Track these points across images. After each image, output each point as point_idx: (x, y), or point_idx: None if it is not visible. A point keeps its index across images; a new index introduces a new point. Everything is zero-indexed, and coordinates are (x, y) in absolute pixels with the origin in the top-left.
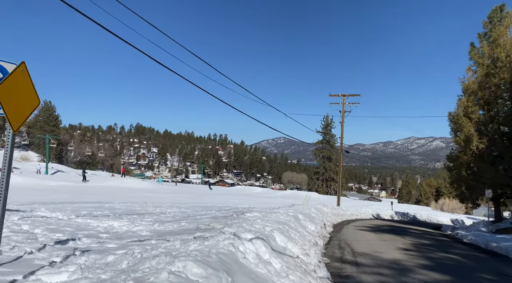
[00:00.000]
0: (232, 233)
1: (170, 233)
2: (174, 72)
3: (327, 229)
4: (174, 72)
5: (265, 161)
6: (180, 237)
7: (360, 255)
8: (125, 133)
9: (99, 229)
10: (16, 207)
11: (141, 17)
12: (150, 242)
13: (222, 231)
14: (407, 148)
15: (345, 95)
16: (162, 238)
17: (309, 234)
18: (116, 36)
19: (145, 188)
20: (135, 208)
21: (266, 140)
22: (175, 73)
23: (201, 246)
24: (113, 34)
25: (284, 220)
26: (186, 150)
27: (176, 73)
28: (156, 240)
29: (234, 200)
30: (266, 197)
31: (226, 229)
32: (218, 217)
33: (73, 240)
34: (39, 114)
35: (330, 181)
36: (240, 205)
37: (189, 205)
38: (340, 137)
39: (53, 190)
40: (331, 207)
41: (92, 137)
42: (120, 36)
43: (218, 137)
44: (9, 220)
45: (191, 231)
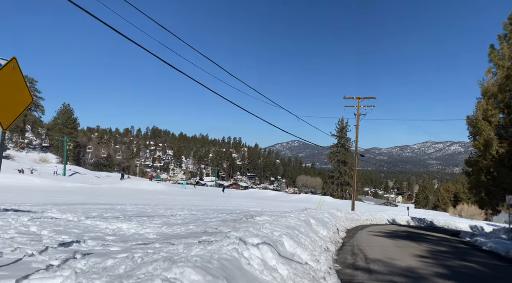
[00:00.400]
0: (238, 238)
1: (176, 236)
2: (190, 77)
3: (340, 234)
4: (189, 76)
5: (279, 164)
6: (185, 240)
7: (373, 261)
8: (142, 136)
9: (106, 231)
10: (28, 208)
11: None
12: (154, 245)
13: (228, 235)
14: (424, 152)
15: (360, 98)
16: (167, 241)
17: (320, 239)
18: (136, 43)
19: (159, 190)
20: (146, 210)
21: (280, 144)
22: (190, 78)
23: (203, 251)
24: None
25: (294, 225)
26: (201, 153)
27: (191, 78)
28: (160, 243)
29: (247, 203)
30: (279, 201)
31: (232, 233)
32: (227, 220)
33: (77, 243)
34: (57, 117)
35: (345, 185)
36: (252, 208)
37: (201, 207)
38: (355, 140)
39: (68, 191)
40: (345, 212)
41: (110, 140)
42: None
43: (232, 140)
44: (19, 221)
45: (197, 235)
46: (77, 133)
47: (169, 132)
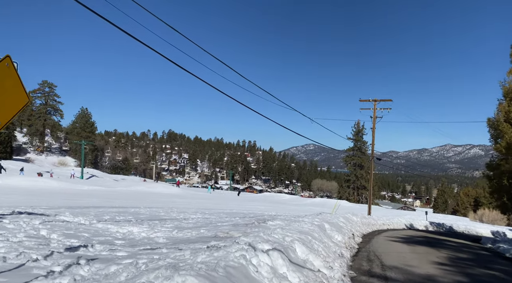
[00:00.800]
0: (247, 243)
1: (186, 241)
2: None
3: (355, 240)
4: (204, 81)
5: (294, 167)
6: (193, 245)
7: (390, 268)
8: (158, 140)
9: (116, 235)
10: (42, 210)
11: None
12: (161, 250)
13: (237, 240)
14: (443, 155)
15: (376, 100)
16: (175, 246)
17: (334, 245)
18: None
19: (174, 193)
20: (160, 213)
21: (295, 147)
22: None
23: (210, 258)
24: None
25: (307, 230)
26: (216, 156)
27: (205, 82)
28: (168, 248)
29: (261, 207)
30: (294, 205)
31: (242, 239)
32: (239, 225)
33: (84, 247)
34: (76, 121)
35: (362, 189)
36: (266, 212)
37: (214, 211)
38: (372, 143)
39: (84, 194)
40: (361, 216)
41: (127, 143)
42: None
43: (247, 143)
44: (30, 224)
45: (207, 239)
46: (95, 137)
47: (184, 136)
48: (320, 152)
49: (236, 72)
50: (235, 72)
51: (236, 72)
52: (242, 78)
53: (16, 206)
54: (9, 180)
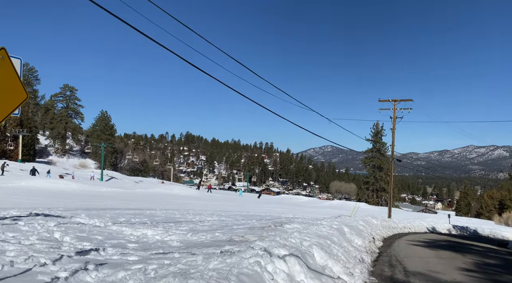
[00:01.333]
0: (262, 248)
1: (199, 244)
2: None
3: (376, 243)
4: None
5: (312, 169)
6: (206, 250)
7: (413, 274)
8: (176, 142)
9: (130, 238)
10: (59, 212)
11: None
12: (173, 255)
13: (252, 245)
14: (465, 157)
15: (396, 100)
16: (188, 251)
17: (354, 249)
18: (168, 49)
19: (191, 195)
20: (175, 215)
21: (312, 149)
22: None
23: (222, 264)
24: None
25: (326, 234)
26: (233, 158)
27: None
28: (180, 253)
29: (278, 209)
30: (311, 207)
31: (257, 243)
32: (255, 228)
33: (96, 251)
34: (96, 124)
35: (381, 191)
36: (283, 214)
37: (231, 213)
38: (391, 145)
39: (102, 196)
40: (381, 219)
41: (145, 146)
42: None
43: (264, 145)
44: (45, 226)
45: (221, 243)
46: (114, 139)
47: (202, 138)
48: (338, 154)
49: (253, 73)
50: (253, 72)
51: (254, 72)
52: (259, 78)
53: (34, 208)
54: (31, 182)
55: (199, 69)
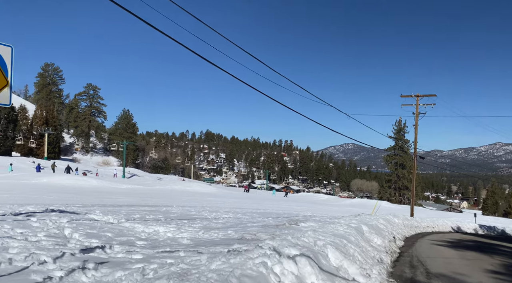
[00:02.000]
0: (272, 248)
1: (209, 243)
2: (238, 79)
3: (397, 243)
4: (239, 79)
5: (332, 167)
6: (214, 249)
7: (436, 276)
8: (196, 140)
9: (140, 235)
10: (75, 209)
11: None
12: (179, 254)
13: (261, 244)
14: (493, 154)
15: (419, 95)
16: (195, 249)
17: (373, 249)
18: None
19: (209, 192)
20: (191, 212)
21: (333, 147)
22: (238, 79)
23: (225, 265)
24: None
25: (342, 233)
26: (252, 156)
27: (240, 81)
28: (186, 251)
29: (297, 207)
30: (331, 205)
31: (267, 242)
32: (269, 226)
33: (101, 248)
34: (118, 122)
35: (404, 190)
36: (302, 212)
37: (248, 210)
38: (414, 141)
39: (122, 193)
40: (403, 218)
41: (166, 144)
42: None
43: (284, 143)
44: (57, 222)
45: (231, 242)
46: (136, 137)
47: (221, 136)
48: (359, 151)
49: (272, 69)
50: (272, 70)
51: (273, 69)
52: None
53: (52, 204)
54: (52, 179)
55: (219, 68)
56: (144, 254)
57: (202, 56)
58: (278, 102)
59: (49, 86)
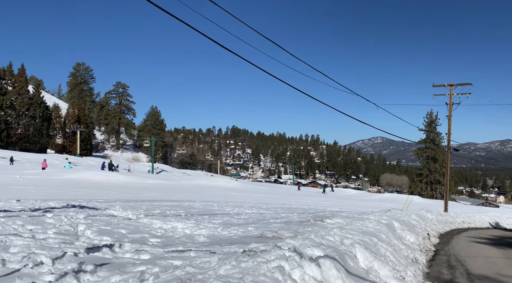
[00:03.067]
0: (292, 248)
1: (226, 241)
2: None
3: (431, 240)
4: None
5: (361, 162)
6: (229, 248)
7: (478, 278)
8: (222, 136)
9: (156, 232)
10: (97, 204)
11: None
12: (189, 254)
13: (280, 244)
14: None
15: (453, 85)
16: (208, 249)
17: (406, 247)
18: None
19: (234, 188)
20: (213, 207)
21: (361, 141)
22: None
23: (235, 270)
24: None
25: (372, 230)
26: (278, 151)
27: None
28: (197, 251)
29: (324, 202)
30: (360, 200)
31: (288, 241)
32: (293, 222)
33: (109, 247)
34: (147, 119)
35: (436, 184)
36: (329, 208)
37: (273, 206)
38: (447, 133)
39: (148, 188)
40: (436, 213)
41: (194, 140)
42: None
43: (310, 138)
44: (73, 218)
45: (249, 240)
46: (164, 134)
47: (247, 131)
48: (388, 145)
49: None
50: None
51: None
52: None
53: (75, 199)
54: (82, 175)
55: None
56: (152, 254)
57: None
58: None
59: (81, 85)
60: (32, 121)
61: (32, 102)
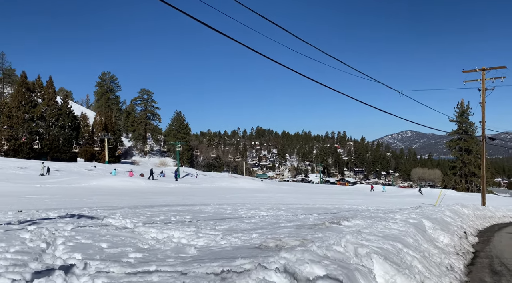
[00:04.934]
0: (282, 268)
1: (215, 254)
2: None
3: (469, 240)
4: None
5: (390, 157)
6: (206, 268)
7: None
8: (247, 137)
9: (144, 244)
10: (99, 212)
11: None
12: (151, 279)
13: (270, 260)
14: None
15: (485, 69)
16: (184, 268)
17: (439, 252)
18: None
19: (256, 188)
20: (226, 211)
21: (390, 135)
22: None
23: None
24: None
25: (396, 233)
26: (304, 149)
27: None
28: (165, 274)
29: (350, 200)
30: (389, 196)
31: (283, 255)
32: (304, 226)
33: (65, 270)
34: (171, 124)
35: (471, 176)
36: (355, 206)
37: (293, 206)
38: (481, 121)
39: (167, 192)
40: (473, 208)
41: (219, 142)
42: None
43: (336, 135)
44: (58, 231)
45: (241, 253)
46: (189, 137)
47: (272, 132)
48: (419, 139)
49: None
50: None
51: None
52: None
53: (81, 208)
54: (103, 181)
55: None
56: (111, 278)
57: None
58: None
59: (107, 94)
60: (62, 131)
61: (60, 113)
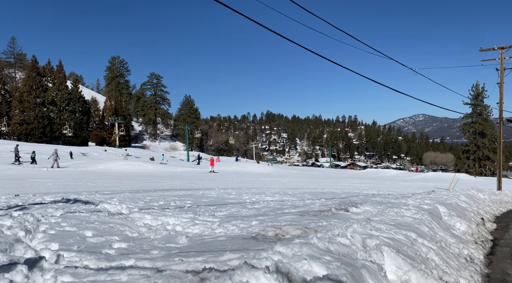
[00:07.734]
0: (273, 266)
1: (205, 245)
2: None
3: (486, 226)
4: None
5: (402, 141)
6: (188, 264)
7: None
8: (257, 121)
9: (133, 232)
10: (97, 196)
11: None
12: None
13: (261, 255)
14: None
15: (504, 47)
16: (163, 264)
17: (457, 241)
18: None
19: (265, 172)
20: (229, 195)
21: (402, 119)
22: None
23: None
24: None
25: (410, 221)
26: (315, 134)
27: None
28: (138, 270)
29: (361, 185)
30: (401, 181)
31: (277, 249)
32: (310, 213)
33: (32, 264)
34: (181, 108)
35: (484, 160)
36: (365, 190)
37: (301, 191)
38: (499, 102)
39: (172, 176)
40: (489, 192)
41: (229, 127)
42: None
43: (347, 119)
44: (45, 217)
45: (235, 243)
46: (199, 122)
47: (282, 116)
48: (431, 122)
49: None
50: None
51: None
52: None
53: (80, 192)
54: (110, 165)
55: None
56: (75, 276)
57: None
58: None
59: (117, 79)
60: (73, 115)
61: (71, 98)
